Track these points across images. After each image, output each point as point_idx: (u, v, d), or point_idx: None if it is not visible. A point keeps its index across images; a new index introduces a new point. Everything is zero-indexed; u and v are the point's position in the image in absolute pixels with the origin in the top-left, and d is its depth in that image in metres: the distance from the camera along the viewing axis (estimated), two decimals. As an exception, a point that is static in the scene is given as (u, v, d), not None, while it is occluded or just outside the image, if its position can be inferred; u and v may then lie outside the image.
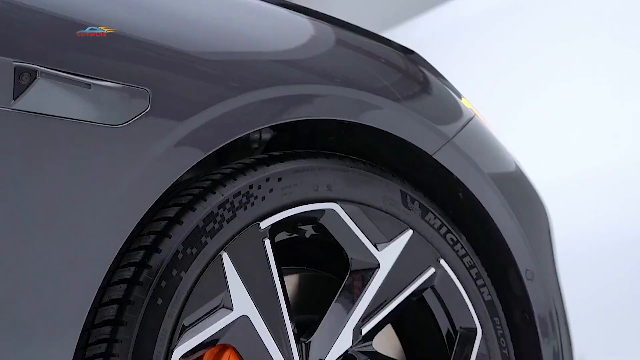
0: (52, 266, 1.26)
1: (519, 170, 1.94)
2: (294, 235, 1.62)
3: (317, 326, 1.56)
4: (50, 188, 1.27)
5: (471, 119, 1.82)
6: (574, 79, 5.12)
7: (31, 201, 1.26)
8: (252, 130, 1.49)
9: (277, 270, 1.50)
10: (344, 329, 1.57)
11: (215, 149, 1.43)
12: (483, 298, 1.74)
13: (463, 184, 1.75)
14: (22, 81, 1.25)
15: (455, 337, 1.72)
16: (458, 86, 1.91)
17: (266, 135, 1.68)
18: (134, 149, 1.34)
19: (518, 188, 1.92)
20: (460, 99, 1.87)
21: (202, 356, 1.46)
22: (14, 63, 1.25)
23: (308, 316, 1.63)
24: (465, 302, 1.72)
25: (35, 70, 1.26)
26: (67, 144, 1.30)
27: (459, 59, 5.59)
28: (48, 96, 1.27)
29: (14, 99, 1.25)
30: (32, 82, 1.26)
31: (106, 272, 1.30)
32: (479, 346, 1.71)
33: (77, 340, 1.26)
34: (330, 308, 1.58)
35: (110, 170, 1.31)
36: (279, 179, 1.53)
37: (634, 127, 4.82)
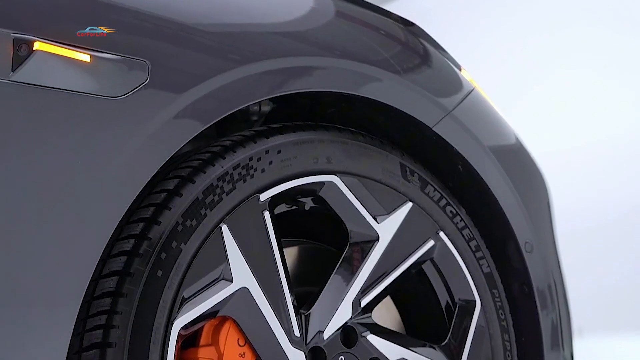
0: (52, 238, 1.26)
1: (518, 143, 1.94)
2: (294, 207, 1.62)
3: (317, 298, 1.56)
4: (49, 160, 1.27)
5: (471, 91, 1.81)
6: (576, 52, 5.11)
7: (30, 175, 1.26)
8: (251, 103, 1.49)
9: (277, 243, 1.50)
10: (344, 301, 1.58)
11: (214, 122, 1.43)
12: (482, 270, 1.75)
13: (463, 157, 1.75)
14: (21, 53, 1.25)
15: (454, 309, 1.73)
16: (458, 58, 1.91)
17: (265, 108, 1.68)
18: (133, 121, 1.34)
19: (518, 161, 1.92)
20: (460, 71, 1.86)
21: (202, 328, 1.47)
22: (12, 34, 1.25)
23: (307, 288, 1.63)
24: (465, 274, 1.72)
25: (34, 42, 1.26)
26: (66, 116, 1.29)
27: (461, 31, 5.56)
28: (47, 68, 1.27)
29: (13, 70, 1.25)
30: (31, 54, 1.25)
31: (106, 244, 1.30)
32: (478, 318, 1.72)
33: (78, 312, 1.26)
34: (329, 280, 1.58)
35: (109, 142, 1.31)
36: (279, 152, 1.53)
37: (636, 100, 4.82)
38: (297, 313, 1.52)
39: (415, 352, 1.65)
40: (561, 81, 5.15)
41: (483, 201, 1.81)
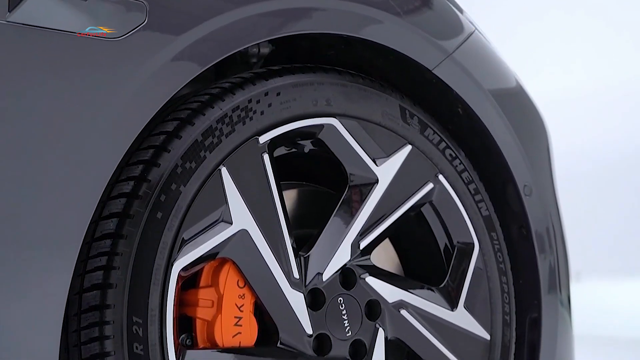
0: (51, 179, 1.26)
1: (519, 86, 1.93)
2: (293, 150, 1.62)
3: (316, 240, 1.57)
4: (47, 102, 1.26)
5: (471, 33, 1.80)
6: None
7: (28, 117, 1.25)
8: (250, 45, 1.48)
9: (276, 185, 1.51)
10: (342, 243, 1.58)
11: (212, 64, 1.42)
12: (481, 213, 1.75)
13: (462, 100, 1.74)
14: (17, -7, 1.24)
15: (453, 252, 1.74)
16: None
17: (265, 50, 1.67)
18: (131, 62, 1.33)
19: (518, 104, 1.91)
20: (462, 13, 1.85)
21: (202, 269, 1.48)
22: (8, -26, 1.24)
23: (307, 230, 1.64)
24: (463, 217, 1.73)
25: (30, -18, 1.25)
26: (64, 57, 1.29)
27: None
28: (44, 8, 1.26)
29: (9, 11, 1.23)
30: (27, -6, 1.24)
31: (105, 185, 1.30)
32: (476, 260, 1.73)
33: (78, 253, 1.27)
34: (328, 222, 1.59)
35: (107, 84, 1.31)
36: (278, 94, 1.52)
37: (635, 45, 4.79)
38: (296, 255, 1.53)
39: (414, 293, 1.67)
40: (561, 27, 5.12)
41: (482, 144, 1.80)
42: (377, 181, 1.63)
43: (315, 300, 1.55)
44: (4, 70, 1.24)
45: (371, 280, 1.62)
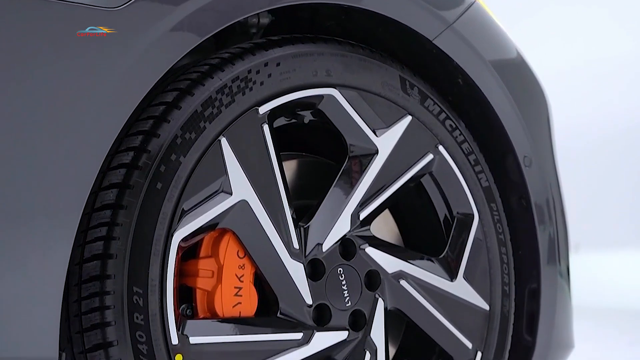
0: (52, 150, 1.26)
1: (519, 56, 1.93)
2: (293, 120, 1.62)
3: (316, 211, 1.57)
4: (46, 72, 1.26)
5: (472, 4, 1.79)
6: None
7: (29, 87, 1.25)
8: (250, 15, 1.47)
9: (276, 155, 1.50)
10: (342, 213, 1.59)
11: (212, 34, 1.42)
12: (481, 184, 1.75)
13: (463, 70, 1.74)
14: (15, -38, 1.23)
15: (452, 223, 1.74)
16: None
17: (265, 20, 1.66)
18: (130, 32, 1.33)
19: (518, 75, 1.91)
20: (462, -17, 1.83)
21: (202, 240, 1.48)
22: (6, -57, 1.23)
23: (306, 201, 1.64)
24: (463, 188, 1.73)
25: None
26: (62, 27, 1.28)
27: None
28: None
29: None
30: (26, -37, 1.24)
31: (105, 156, 1.30)
32: (476, 231, 1.74)
33: (78, 224, 1.27)
34: (328, 193, 1.59)
35: (105, 54, 1.30)
36: (278, 64, 1.52)
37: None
38: (296, 226, 1.53)
39: (413, 264, 1.67)
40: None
41: (483, 115, 1.80)
42: (377, 152, 1.63)
43: (315, 270, 1.56)
44: (5, 40, 1.24)
45: (371, 251, 1.62)
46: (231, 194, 1.45)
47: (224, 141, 1.44)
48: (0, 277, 1.22)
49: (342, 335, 1.57)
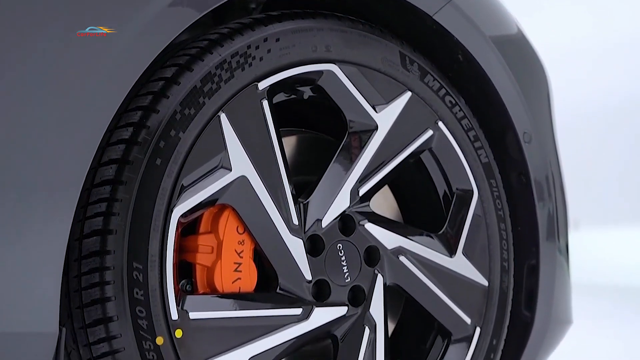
0: (51, 126, 1.26)
1: (520, 32, 1.92)
2: (292, 96, 1.62)
3: (315, 187, 1.57)
4: (44, 49, 1.26)
5: (473, -21, 1.78)
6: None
7: (28, 64, 1.25)
8: (249, -10, 1.47)
9: (275, 131, 1.50)
10: (342, 189, 1.59)
11: (210, 9, 1.41)
12: (480, 160, 1.75)
13: (463, 46, 1.73)
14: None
15: (452, 199, 1.74)
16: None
17: (264, -5, 1.65)
18: (128, 8, 1.32)
19: (519, 51, 1.90)
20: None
21: (201, 216, 1.48)
22: None
23: (306, 177, 1.64)
24: (463, 164, 1.73)
25: None
26: (60, 5, 1.28)
27: None
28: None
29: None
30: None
31: (104, 131, 1.30)
32: (475, 207, 1.74)
33: (78, 199, 1.27)
34: (328, 169, 1.59)
35: (104, 30, 1.30)
36: (277, 40, 1.51)
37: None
38: (295, 201, 1.53)
39: (413, 240, 1.68)
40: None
41: (482, 91, 1.80)
42: (376, 128, 1.62)
43: (314, 246, 1.56)
44: (4, 26, 1.23)
45: (370, 227, 1.63)
46: (230, 169, 1.45)
47: (223, 117, 1.44)
48: (0, 253, 1.22)
49: (341, 310, 1.58)
